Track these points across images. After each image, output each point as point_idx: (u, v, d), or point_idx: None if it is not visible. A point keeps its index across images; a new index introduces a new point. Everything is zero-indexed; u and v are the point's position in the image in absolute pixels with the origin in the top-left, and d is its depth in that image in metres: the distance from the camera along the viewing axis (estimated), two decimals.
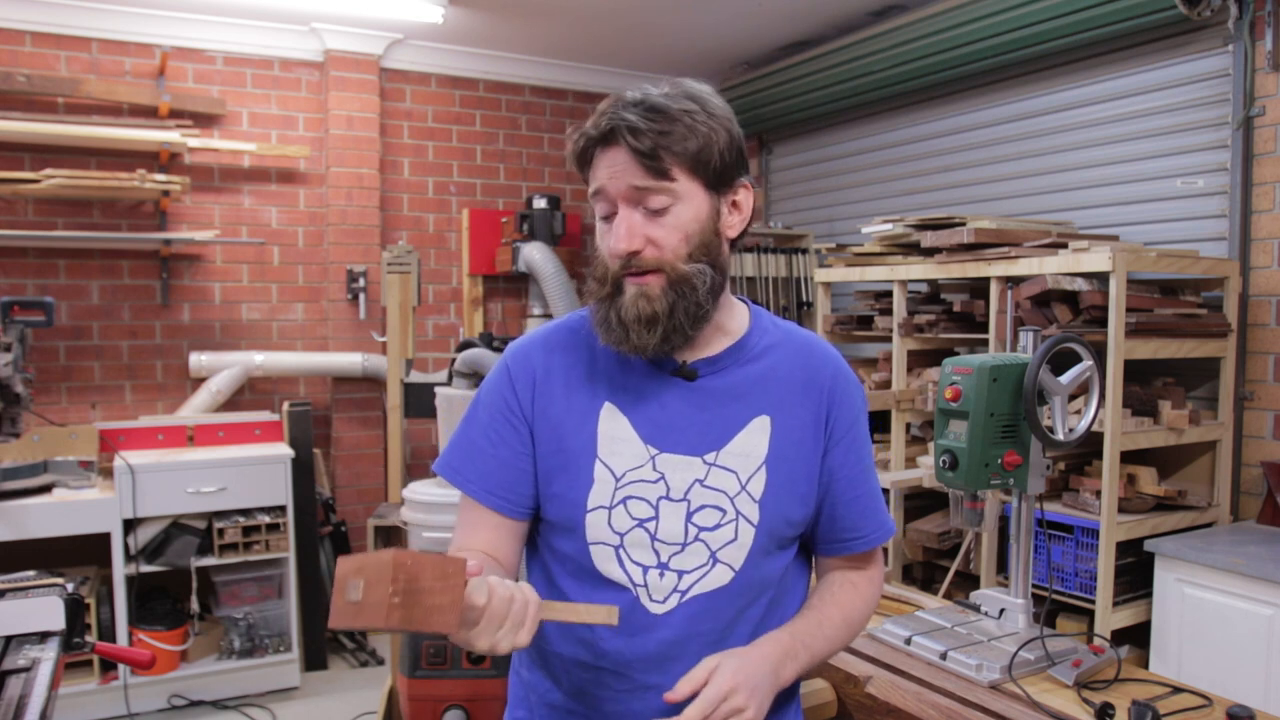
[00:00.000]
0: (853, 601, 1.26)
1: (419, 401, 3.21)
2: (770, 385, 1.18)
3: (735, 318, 1.21)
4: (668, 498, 1.13)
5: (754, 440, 1.16)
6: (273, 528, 3.65)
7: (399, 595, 0.87)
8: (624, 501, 1.13)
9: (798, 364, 1.20)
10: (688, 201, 1.09)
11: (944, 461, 1.77)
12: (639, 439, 1.14)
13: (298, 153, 4.20)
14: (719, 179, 1.12)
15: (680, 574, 1.14)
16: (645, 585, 1.14)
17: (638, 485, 1.13)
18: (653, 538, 1.13)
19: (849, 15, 4.03)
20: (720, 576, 1.15)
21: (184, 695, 3.57)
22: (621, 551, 1.14)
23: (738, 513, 1.14)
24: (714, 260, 1.12)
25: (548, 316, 4.45)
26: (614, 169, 1.08)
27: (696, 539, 1.14)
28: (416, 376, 3.35)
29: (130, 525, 3.43)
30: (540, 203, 4.49)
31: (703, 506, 1.14)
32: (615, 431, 1.15)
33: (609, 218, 1.11)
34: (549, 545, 1.20)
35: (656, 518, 1.13)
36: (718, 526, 1.14)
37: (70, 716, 3.33)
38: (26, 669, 1.50)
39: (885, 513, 1.28)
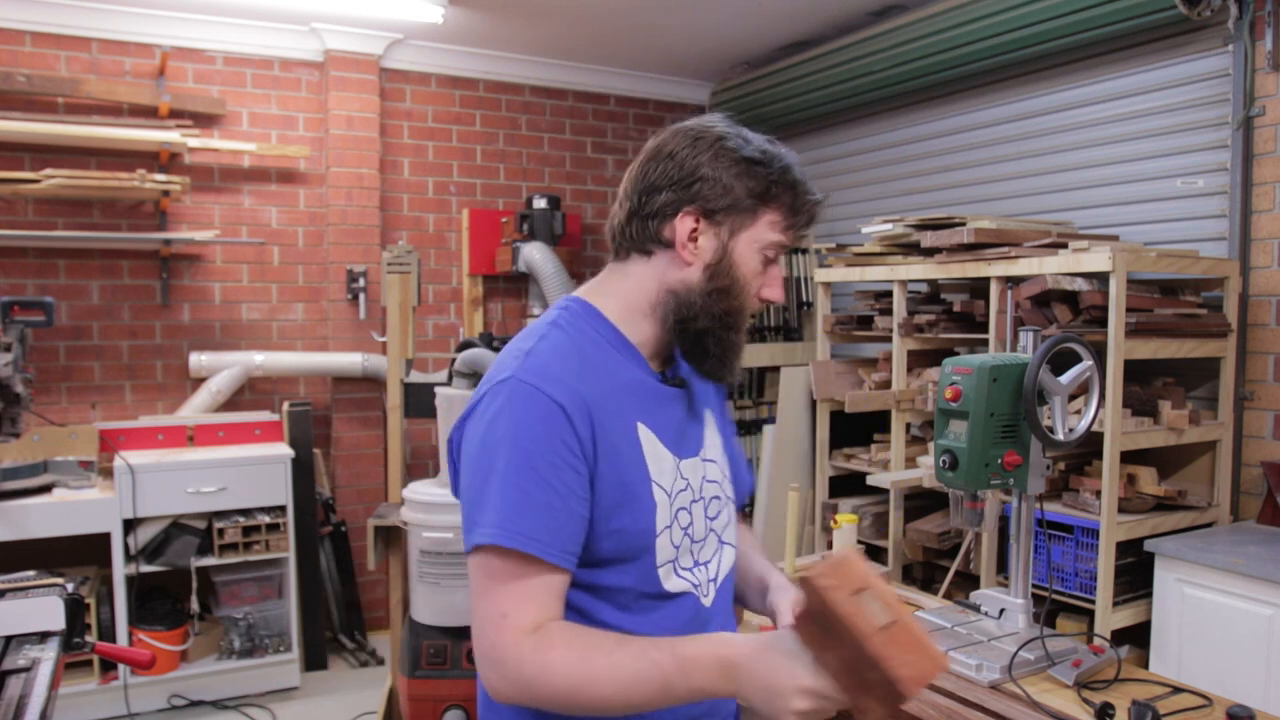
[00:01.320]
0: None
1: (419, 401, 3.21)
2: (701, 384, 1.27)
3: None
4: (695, 500, 1.19)
5: (712, 432, 1.28)
6: (273, 528, 3.66)
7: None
8: (676, 515, 1.15)
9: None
10: None
11: (944, 461, 1.77)
12: (670, 453, 1.17)
13: (298, 153, 4.20)
14: None
15: (706, 564, 1.22)
16: (699, 586, 1.20)
17: (680, 496, 1.16)
18: (691, 541, 1.19)
19: (849, 15, 4.03)
20: (729, 556, 1.27)
21: (184, 695, 3.57)
22: (675, 563, 1.17)
23: (726, 497, 1.27)
24: None
25: None
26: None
27: (709, 530, 1.22)
28: (416, 376, 3.35)
29: (130, 525, 3.43)
30: (540, 203, 4.49)
31: (712, 499, 1.23)
32: (653, 450, 1.15)
33: (767, 263, 1.17)
34: (588, 585, 1.11)
35: (691, 521, 1.18)
36: (719, 514, 1.24)
37: (70, 716, 3.33)
38: (26, 669, 1.50)
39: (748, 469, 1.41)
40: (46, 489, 3.43)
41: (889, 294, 3.39)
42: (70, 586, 1.76)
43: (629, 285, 1.18)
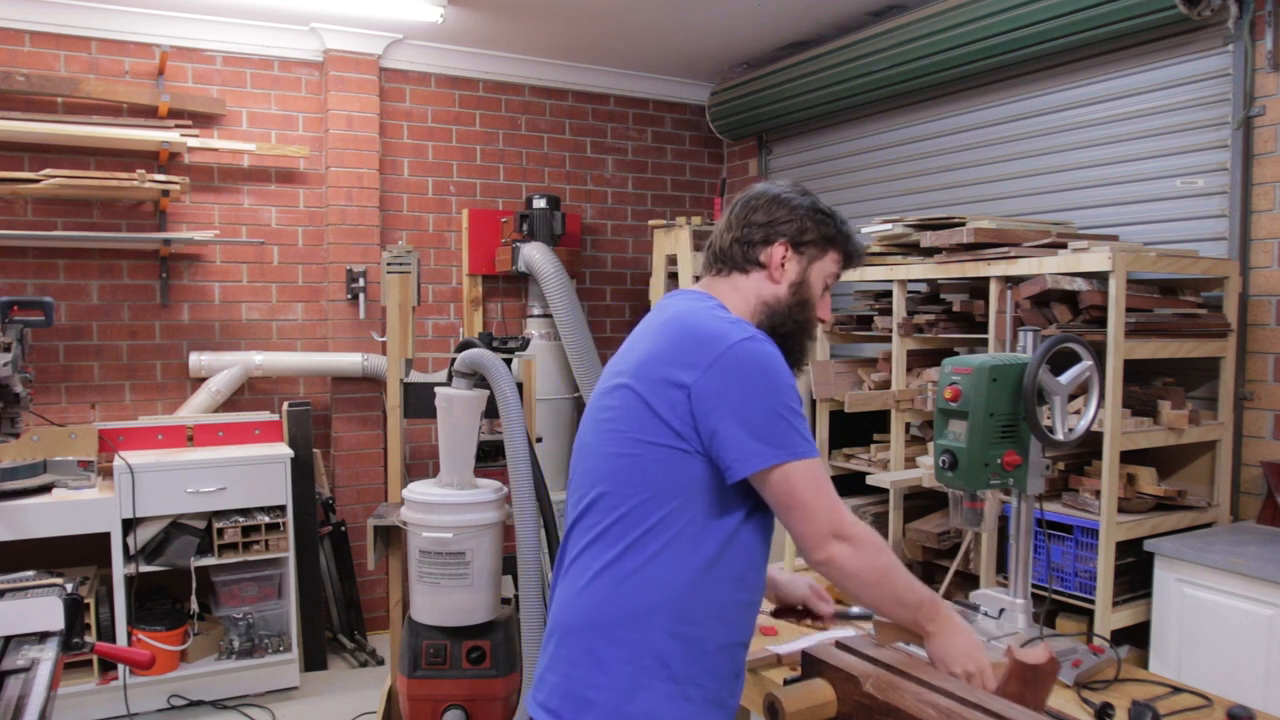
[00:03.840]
0: None
1: (419, 401, 3.20)
2: None
3: None
4: None
5: None
6: (272, 528, 3.65)
7: None
8: None
9: None
10: None
11: (944, 461, 1.77)
12: None
13: (297, 153, 4.20)
14: None
15: None
16: None
17: None
18: None
19: (849, 15, 4.03)
20: None
21: (183, 695, 3.57)
22: None
23: None
24: None
25: (548, 316, 4.44)
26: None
27: None
28: (416, 376, 3.35)
29: (130, 525, 3.43)
30: (540, 203, 4.49)
31: None
32: None
33: (827, 290, 1.54)
34: (753, 513, 1.42)
35: None
36: None
37: (70, 716, 3.33)
38: (26, 669, 1.50)
39: None
40: (46, 489, 3.43)
41: (888, 294, 3.39)
42: (69, 586, 1.76)
43: (734, 295, 1.50)
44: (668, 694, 1.32)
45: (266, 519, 3.65)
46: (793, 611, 1.74)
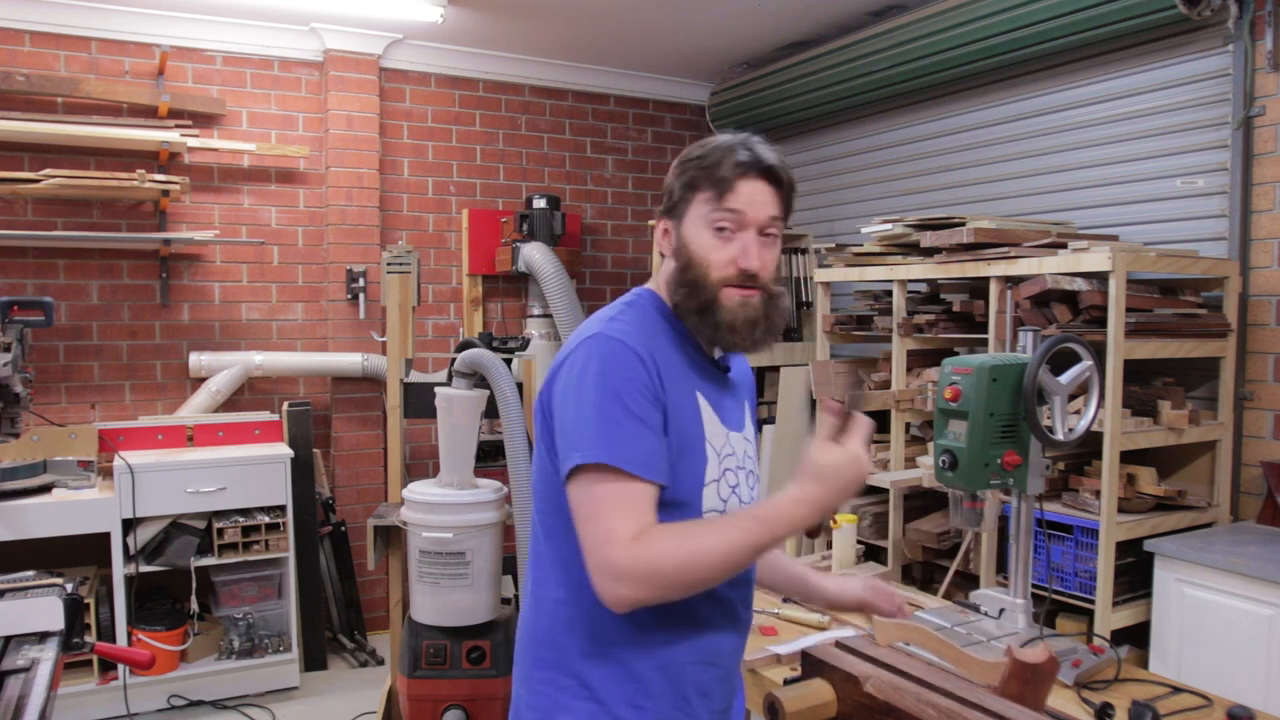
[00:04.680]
0: None
1: (419, 401, 3.21)
2: (737, 376, 1.45)
3: None
4: (741, 467, 1.38)
5: (748, 418, 1.46)
6: (272, 528, 3.65)
7: None
8: (724, 474, 1.33)
9: (739, 364, 1.47)
10: (779, 239, 1.35)
11: (944, 461, 1.77)
12: (719, 420, 1.35)
13: (297, 153, 4.20)
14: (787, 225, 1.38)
15: None
16: None
17: (728, 459, 1.35)
18: (740, 501, 1.36)
19: (849, 15, 4.03)
20: None
21: (183, 695, 3.57)
22: (720, 515, 1.33)
23: (757, 475, 1.45)
24: (779, 284, 1.38)
25: (548, 316, 4.44)
26: (759, 197, 1.30)
27: (752, 495, 1.40)
28: (416, 376, 3.35)
29: (130, 525, 3.43)
30: (540, 203, 4.48)
31: (750, 472, 1.41)
32: (708, 415, 1.34)
33: (724, 234, 1.29)
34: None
35: (739, 484, 1.36)
36: (754, 486, 1.42)
37: (70, 716, 3.33)
38: (26, 669, 1.50)
39: None
40: (46, 489, 3.43)
41: (889, 294, 3.39)
42: (69, 586, 1.76)
43: (660, 283, 1.39)
44: (589, 713, 1.27)
45: (266, 519, 3.65)
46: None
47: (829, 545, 2.73)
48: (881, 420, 3.41)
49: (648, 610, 1.24)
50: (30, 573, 1.85)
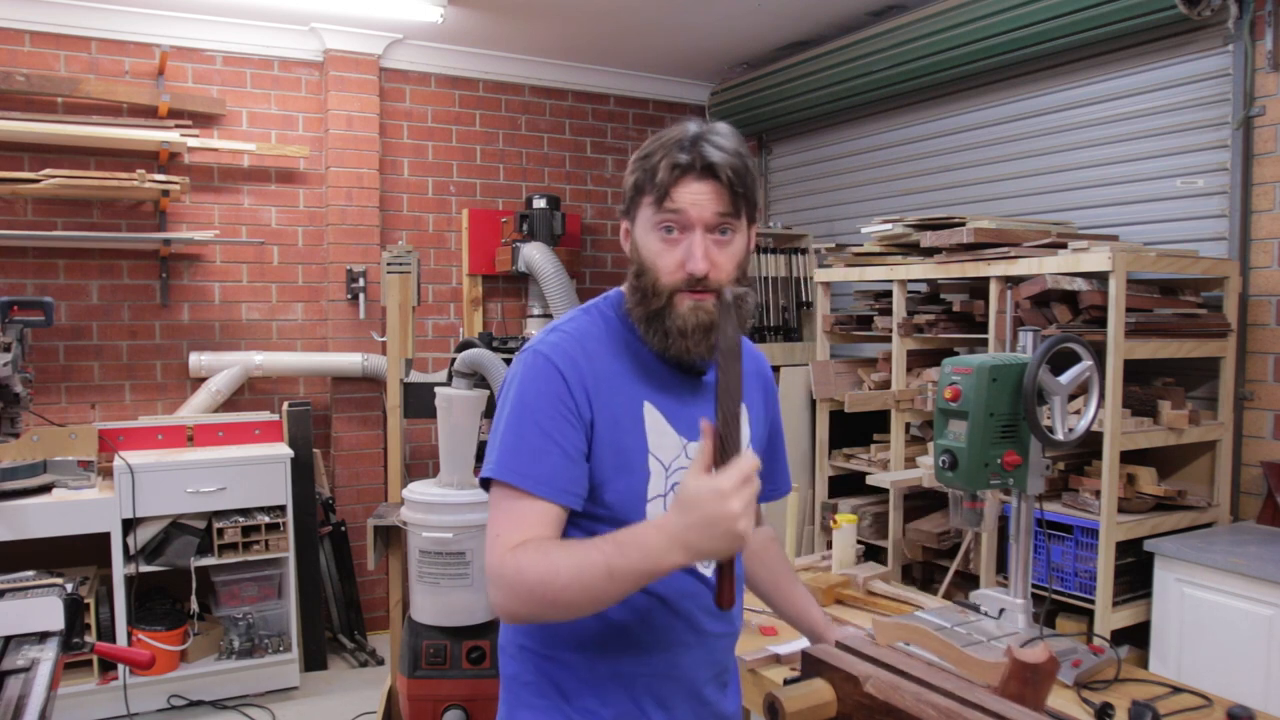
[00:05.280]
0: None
1: (419, 401, 3.21)
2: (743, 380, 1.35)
3: None
4: None
5: (742, 428, 1.33)
6: (272, 527, 3.65)
7: None
8: (672, 488, 1.27)
9: (748, 361, 1.36)
10: (741, 234, 1.26)
11: (944, 461, 1.77)
12: (674, 431, 1.29)
13: (297, 153, 4.20)
14: (754, 217, 1.30)
15: None
16: None
17: (679, 473, 1.28)
18: None
19: (849, 15, 4.03)
20: None
21: (183, 695, 3.57)
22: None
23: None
24: (747, 283, 1.30)
25: (548, 316, 4.44)
26: (701, 197, 1.22)
27: None
28: (416, 376, 3.35)
29: (130, 525, 3.43)
30: (540, 203, 4.49)
31: None
32: (657, 426, 1.28)
33: (670, 236, 1.24)
34: (594, 533, 1.24)
35: None
36: None
37: (70, 716, 3.33)
38: (26, 669, 1.50)
39: (788, 471, 1.61)
40: (46, 489, 3.43)
41: (888, 294, 3.39)
42: (69, 586, 1.76)
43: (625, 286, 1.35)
44: (546, 709, 1.29)
45: (266, 519, 3.65)
46: None
47: (829, 545, 2.73)
48: (882, 420, 3.42)
49: (596, 618, 1.22)
50: (30, 573, 1.85)
